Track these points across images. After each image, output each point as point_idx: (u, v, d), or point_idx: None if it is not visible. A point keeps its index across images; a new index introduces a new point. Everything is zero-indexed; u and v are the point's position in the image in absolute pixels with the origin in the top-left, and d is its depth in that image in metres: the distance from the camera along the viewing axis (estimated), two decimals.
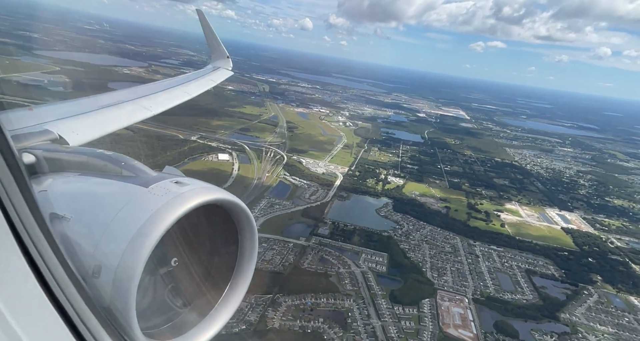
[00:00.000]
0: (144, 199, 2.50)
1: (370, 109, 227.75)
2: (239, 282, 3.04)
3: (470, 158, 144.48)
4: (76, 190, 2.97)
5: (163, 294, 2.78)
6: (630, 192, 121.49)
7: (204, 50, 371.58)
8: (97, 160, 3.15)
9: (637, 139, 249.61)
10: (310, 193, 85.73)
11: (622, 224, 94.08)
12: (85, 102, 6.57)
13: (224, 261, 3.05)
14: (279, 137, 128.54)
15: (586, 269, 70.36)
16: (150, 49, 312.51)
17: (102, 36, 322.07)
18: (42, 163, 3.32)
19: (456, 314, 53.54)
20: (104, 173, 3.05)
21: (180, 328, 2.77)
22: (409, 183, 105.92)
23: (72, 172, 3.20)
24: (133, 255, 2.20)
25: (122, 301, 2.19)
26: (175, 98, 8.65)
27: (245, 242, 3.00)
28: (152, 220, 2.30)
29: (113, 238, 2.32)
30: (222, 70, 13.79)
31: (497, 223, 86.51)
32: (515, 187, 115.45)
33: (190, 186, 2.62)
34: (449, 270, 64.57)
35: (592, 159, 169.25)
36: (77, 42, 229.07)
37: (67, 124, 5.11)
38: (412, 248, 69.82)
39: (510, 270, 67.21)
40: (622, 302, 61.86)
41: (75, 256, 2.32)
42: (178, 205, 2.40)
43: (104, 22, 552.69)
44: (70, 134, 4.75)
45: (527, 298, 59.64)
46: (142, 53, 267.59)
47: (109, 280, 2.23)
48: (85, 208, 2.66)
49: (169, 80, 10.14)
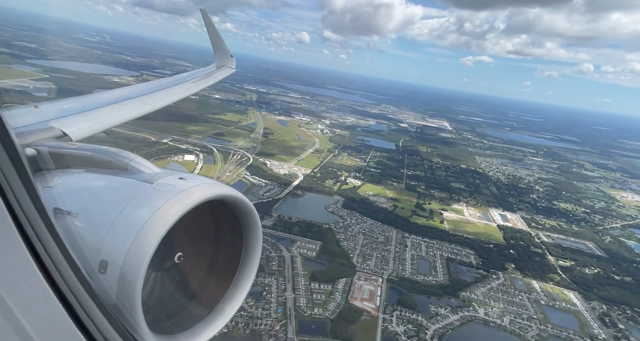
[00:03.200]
0: (149, 195, 2.56)
1: (353, 119, 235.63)
2: (243, 277, 3.10)
3: (436, 165, 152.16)
4: (81, 187, 3.00)
5: (168, 289, 2.83)
6: (580, 198, 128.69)
7: (201, 61, 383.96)
8: (102, 157, 3.21)
9: (613, 151, 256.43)
10: (265, 191, 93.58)
11: (557, 224, 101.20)
12: (90, 99, 6.74)
13: (229, 256, 3.11)
14: (252, 141, 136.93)
15: (503, 259, 77.51)
16: (147, 59, 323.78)
17: (100, 47, 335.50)
18: (47, 160, 3.39)
19: (367, 290, 60.78)
20: (109, 169, 3.11)
21: (186, 322, 2.82)
22: (366, 184, 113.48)
23: (77, 168, 3.24)
24: (139, 251, 2.24)
25: (128, 296, 2.23)
26: (175, 94, 8.85)
27: (250, 237, 3.09)
28: (158, 215, 2.35)
29: (119, 234, 2.36)
30: (226, 68, 13.97)
31: (437, 220, 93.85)
32: (470, 191, 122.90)
33: (195, 182, 2.68)
34: (374, 256, 71.87)
35: (558, 168, 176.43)
36: (73, 52, 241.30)
37: (71, 121, 5.15)
38: (347, 238, 77.20)
39: (432, 258, 74.44)
40: (524, 285, 68.87)
41: (80, 252, 2.33)
42: (183, 201, 2.46)
43: (105, 34, 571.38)
44: (74, 130, 4.80)
45: (437, 280, 66.81)
46: (137, 63, 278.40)
47: (114, 276, 2.27)
48: (90, 204, 2.71)
49: (172, 78, 10.47)
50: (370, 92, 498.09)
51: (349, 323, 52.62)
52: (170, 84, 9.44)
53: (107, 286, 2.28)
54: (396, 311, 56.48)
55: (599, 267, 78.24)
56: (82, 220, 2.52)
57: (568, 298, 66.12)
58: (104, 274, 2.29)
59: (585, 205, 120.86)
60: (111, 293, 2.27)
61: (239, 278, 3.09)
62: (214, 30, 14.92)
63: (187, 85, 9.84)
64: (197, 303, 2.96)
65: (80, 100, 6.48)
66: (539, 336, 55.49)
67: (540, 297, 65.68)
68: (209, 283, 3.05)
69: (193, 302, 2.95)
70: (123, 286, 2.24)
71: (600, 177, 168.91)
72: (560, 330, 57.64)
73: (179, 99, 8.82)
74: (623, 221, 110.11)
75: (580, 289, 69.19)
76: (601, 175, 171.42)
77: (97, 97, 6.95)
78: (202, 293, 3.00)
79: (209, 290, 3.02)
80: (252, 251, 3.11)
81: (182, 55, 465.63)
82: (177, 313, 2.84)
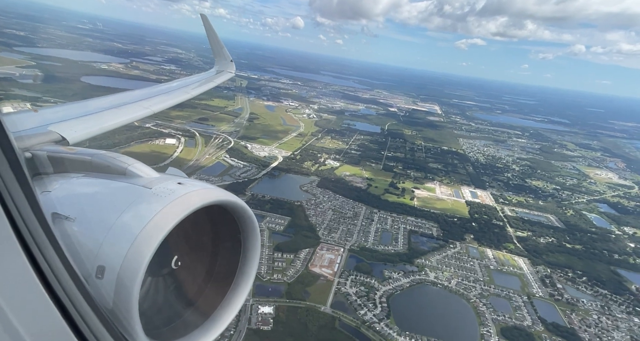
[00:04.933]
0: (147, 200, 2.54)
1: (343, 103, 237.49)
2: (241, 283, 3.08)
3: (417, 147, 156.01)
4: (80, 191, 2.99)
5: (166, 295, 2.82)
6: (553, 175, 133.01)
7: (193, 49, 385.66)
8: (101, 161, 3.19)
9: (600, 132, 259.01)
10: (242, 172, 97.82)
11: (524, 199, 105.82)
12: (89, 103, 6.86)
13: (227, 262, 3.10)
14: (235, 126, 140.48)
15: (464, 230, 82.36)
16: (138, 47, 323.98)
17: (91, 35, 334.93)
18: (46, 164, 3.40)
19: (327, 259, 65.63)
20: (108, 174, 3.10)
21: (183, 329, 2.81)
22: (344, 165, 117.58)
23: (75, 172, 3.24)
24: (136, 256, 2.22)
25: (124, 302, 2.22)
26: (174, 98, 8.97)
27: (248, 243, 3.07)
28: (156, 221, 2.34)
29: (116, 239, 2.35)
30: (226, 73, 14.12)
31: (408, 198, 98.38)
32: (446, 170, 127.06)
33: (193, 187, 2.67)
34: (340, 229, 76.56)
35: (540, 149, 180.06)
36: (63, 40, 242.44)
37: (70, 125, 5.18)
38: (316, 214, 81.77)
39: (396, 231, 79.19)
40: (478, 253, 73.83)
41: (78, 257, 2.32)
42: (182, 206, 2.45)
43: (98, 21, 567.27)
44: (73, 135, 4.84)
45: (396, 249, 71.69)
46: (128, 51, 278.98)
47: (111, 281, 2.25)
48: (88, 209, 2.69)
49: (174, 83, 10.70)
50: (364, 77, 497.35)
51: (305, 286, 57.66)
52: (170, 89, 9.71)
53: (104, 292, 2.28)
54: (351, 276, 61.49)
55: (554, 237, 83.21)
56: (80, 225, 2.52)
57: (517, 264, 71.19)
58: (101, 279, 2.29)
59: (557, 182, 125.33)
60: (108, 299, 2.28)
61: (236, 285, 3.08)
62: (214, 35, 14.97)
63: (186, 89, 10.16)
64: (195, 309, 2.96)
65: (79, 104, 6.61)
66: (481, 295, 60.66)
67: (491, 263, 70.75)
68: (206, 290, 3.06)
69: (190, 308, 2.95)
70: (120, 292, 2.24)
71: (580, 156, 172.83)
72: (501, 289, 62.91)
73: (177, 103, 8.95)
74: (590, 196, 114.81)
75: (530, 256, 74.28)
76: (581, 155, 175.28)
77: (96, 102, 7.13)
78: (199, 300, 3.01)
79: (206, 297, 3.03)
80: (251, 257, 3.11)
81: (175, 42, 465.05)
82: (174, 319, 2.85)
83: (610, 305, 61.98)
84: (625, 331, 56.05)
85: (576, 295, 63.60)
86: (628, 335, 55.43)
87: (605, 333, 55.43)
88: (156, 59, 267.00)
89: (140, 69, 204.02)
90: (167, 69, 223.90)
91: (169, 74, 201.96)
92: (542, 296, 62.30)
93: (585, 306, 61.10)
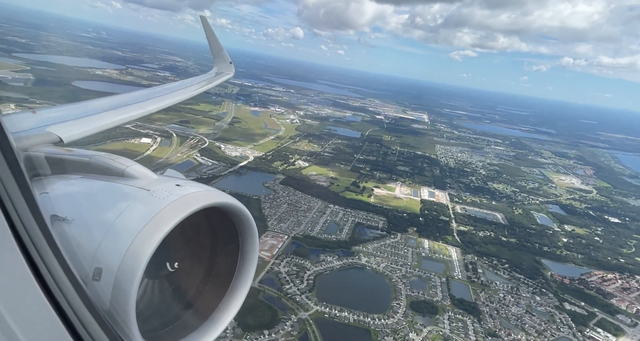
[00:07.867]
0: (146, 202, 2.56)
1: (330, 110, 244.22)
2: (239, 285, 3.09)
3: (391, 151, 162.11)
4: (78, 193, 2.99)
5: (163, 297, 2.84)
6: (516, 179, 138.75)
7: (193, 57, 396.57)
8: (99, 163, 3.19)
9: (582, 142, 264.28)
10: (209, 169, 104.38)
11: (478, 199, 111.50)
12: (87, 105, 6.86)
13: (225, 264, 3.10)
14: (214, 129, 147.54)
15: (409, 224, 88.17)
16: (137, 54, 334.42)
17: (92, 42, 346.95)
18: (44, 165, 3.36)
19: (269, 244, 71.55)
20: (106, 175, 3.09)
21: (181, 331, 2.81)
22: (312, 166, 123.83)
23: (74, 174, 3.22)
24: (134, 258, 2.22)
25: (121, 304, 2.22)
26: (170, 98, 9.10)
27: (246, 245, 3.08)
28: (154, 223, 2.35)
29: (114, 241, 2.35)
30: (224, 75, 14.20)
31: (366, 195, 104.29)
32: (413, 173, 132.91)
33: (192, 189, 2.69)
34: (290, 220, 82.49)
35: (515, 156, 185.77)
36: (62, 46, 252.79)
37: (68, 126, 5.16)
38: (271, 207, 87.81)
39: (344, 223, 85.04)
40: (415, 243, 79.49)
41: (76, 258, 2.31)
42: (180, 208, 2.47)
43: (103, 30, 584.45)
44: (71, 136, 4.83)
45: (338, 238, 77.49)
46: (126, 58, 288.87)
47: (109, 283, 2.25)
48: (87, 211, 2.69)
49: (174, 84, 10.84)
50: (360, 86, 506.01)
51: None
52: (168, 90, 9.75)
53: (101, 294, 2.28)
54: (287, 258, 67.39)
55: (493, 232, 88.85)
56: (78, 227, 2.52)
57: (448, 253, 76.89)
58: (98, 281, 2.29)
59: (517, 186, 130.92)
60: (105, 301, 2.27)
61: (234, 287, 3.09)
62: (214, 38, 14.99)
63: (184, 90, 10.18)
64: (192, 311, 2.98)
65: (77, 105, 6.60)
66: (403, 276, 66.35)
67: (424, 251, 76.55)
68: (204, 292, 3.07)
69: (188, 311, 2.98)
70: (117, 294, 2.24)
71: (552, 163, 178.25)
72: (425, 272, 68.70)
73: (174, 103, 9.02)
74: (546, 198, 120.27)
75: (464, 246, 79.90)
76: (553, 162, 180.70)
77: (95, 103, 7.09)
78: (197, 302, 3.03)
79: (204, 299, 3.04)
80: (249, 259, 3.12)
81: (176, 50, 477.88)
82: (172, 321, 2.86)
83: (520, 286, 67.55)
84: (523, 307, 61.68)
85: (492, 278, 69.26)
86: (524, 309, 61.13)
87: (504, 307, 61.19)
88: (152, 66, 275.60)
89: (134, 75, 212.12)
90: (162, 75, 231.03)
91: (163, 80, 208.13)
92: (461, 279, 67.97)
93: (496, 287, 66.75)
